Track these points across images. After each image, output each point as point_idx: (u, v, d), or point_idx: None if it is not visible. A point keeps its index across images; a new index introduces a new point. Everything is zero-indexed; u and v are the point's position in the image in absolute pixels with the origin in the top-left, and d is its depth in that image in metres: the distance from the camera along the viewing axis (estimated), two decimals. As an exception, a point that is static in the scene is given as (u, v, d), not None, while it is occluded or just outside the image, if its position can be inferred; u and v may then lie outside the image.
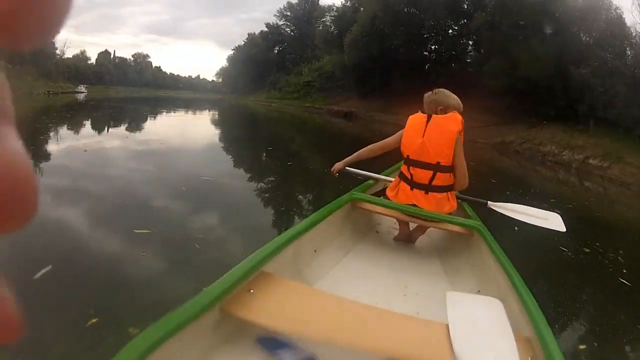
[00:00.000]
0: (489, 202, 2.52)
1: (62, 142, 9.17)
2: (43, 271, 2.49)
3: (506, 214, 2.46)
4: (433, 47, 26.65)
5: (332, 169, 2.62)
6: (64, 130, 11.86)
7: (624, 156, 11.56)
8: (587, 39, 17.26)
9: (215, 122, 21.49)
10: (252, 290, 1.37)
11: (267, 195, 5.64)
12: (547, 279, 3.53)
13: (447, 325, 1.32)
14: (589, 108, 14.44)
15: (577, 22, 16.93)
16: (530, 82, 16.68)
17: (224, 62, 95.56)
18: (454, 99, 2.34)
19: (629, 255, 4.30)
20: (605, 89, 14.07)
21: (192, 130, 15.89)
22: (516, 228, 4.33)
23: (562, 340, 2.58)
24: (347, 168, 2.61)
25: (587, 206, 7.58)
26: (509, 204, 2.52)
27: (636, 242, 5.37)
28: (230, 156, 9.73)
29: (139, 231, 3.44)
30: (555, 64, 16.49)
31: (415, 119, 2.35)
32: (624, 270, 3.74)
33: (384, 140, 2.49)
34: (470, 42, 24.20)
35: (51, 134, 10.73)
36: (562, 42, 17.01)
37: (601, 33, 16.51)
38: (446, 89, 2.40)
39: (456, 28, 25.34)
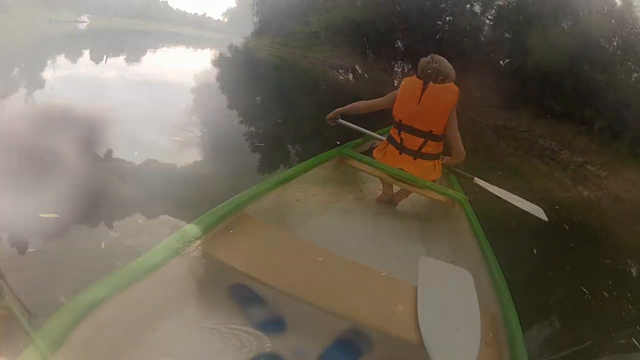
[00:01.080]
0: (475, 177, 2.53)
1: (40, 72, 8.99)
2: None
3: (491, 190, 2.46)
4: (448, 18, 25.84)
5: (328, 116, 2.67)
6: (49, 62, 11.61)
7: (622, 170, 11.27)
8: (607, 45, 16.81)
9: (213, 62, 21.42)
10: (232, 231, 1.39)
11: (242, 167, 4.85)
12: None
13: (416, 288, 1.32)
14: (596, 113, 14.08)
15: (599, 27, 16.42)
16: (542, 72, 16.18)
17: (232, 3, 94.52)
18: (451, 68, 2.34)
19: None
20: (617, 99, 13.72)
21: (183, 68, 15.62)
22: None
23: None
24: (340, 120, 2.64)
25: (592, 224, 6.97)
26: (495, 186, 2.52)
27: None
28: (214, 103, 9.14)
29: (45, 215, 2.64)
30: (570, 61, 15.97)
31: (411, 84, 2.27)
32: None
33: (375, 100, 2.45)
34: (487, 20, 23.49)
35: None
36: (581, 42, 16.44)
37: (621, 43, 16.19)
38: (456, 63, 2.39)
39: (475, 5, 24.53)
